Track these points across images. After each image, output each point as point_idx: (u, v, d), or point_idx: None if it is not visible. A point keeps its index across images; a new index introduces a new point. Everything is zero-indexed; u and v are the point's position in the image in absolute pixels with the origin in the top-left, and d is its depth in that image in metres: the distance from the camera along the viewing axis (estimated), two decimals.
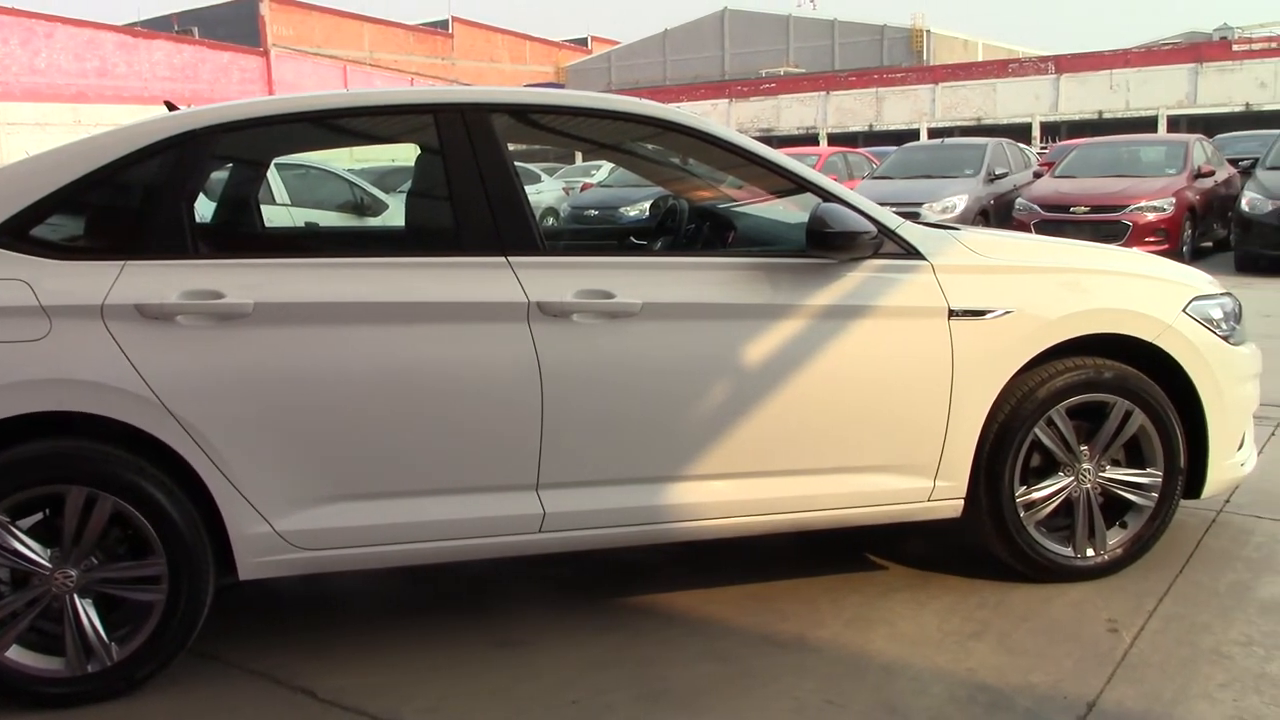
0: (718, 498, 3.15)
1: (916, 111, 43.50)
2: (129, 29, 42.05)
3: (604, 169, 19.17)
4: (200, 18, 50.47)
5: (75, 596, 2.79)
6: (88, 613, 2.80)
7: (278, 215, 9.33)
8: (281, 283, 2.89)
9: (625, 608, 3.41)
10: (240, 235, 3.94)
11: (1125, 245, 9.31)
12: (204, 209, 3.70)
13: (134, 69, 39.36)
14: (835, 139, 40.01)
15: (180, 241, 2.92)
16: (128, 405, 2.74)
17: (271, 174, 9.51)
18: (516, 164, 3.26)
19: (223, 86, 41.53)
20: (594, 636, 3.20)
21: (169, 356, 2.77)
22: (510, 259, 3.00)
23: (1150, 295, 3.47)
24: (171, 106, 3.26)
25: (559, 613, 3.38)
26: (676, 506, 3.13)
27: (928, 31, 53.31)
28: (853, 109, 45.16)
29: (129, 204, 2.99)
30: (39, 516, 2.80)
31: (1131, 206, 12.13)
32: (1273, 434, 5.12)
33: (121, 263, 2.82)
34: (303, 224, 9.46)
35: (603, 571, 3.73)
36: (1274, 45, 37.78)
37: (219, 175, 4.00)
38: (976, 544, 3.52)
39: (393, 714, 2.79)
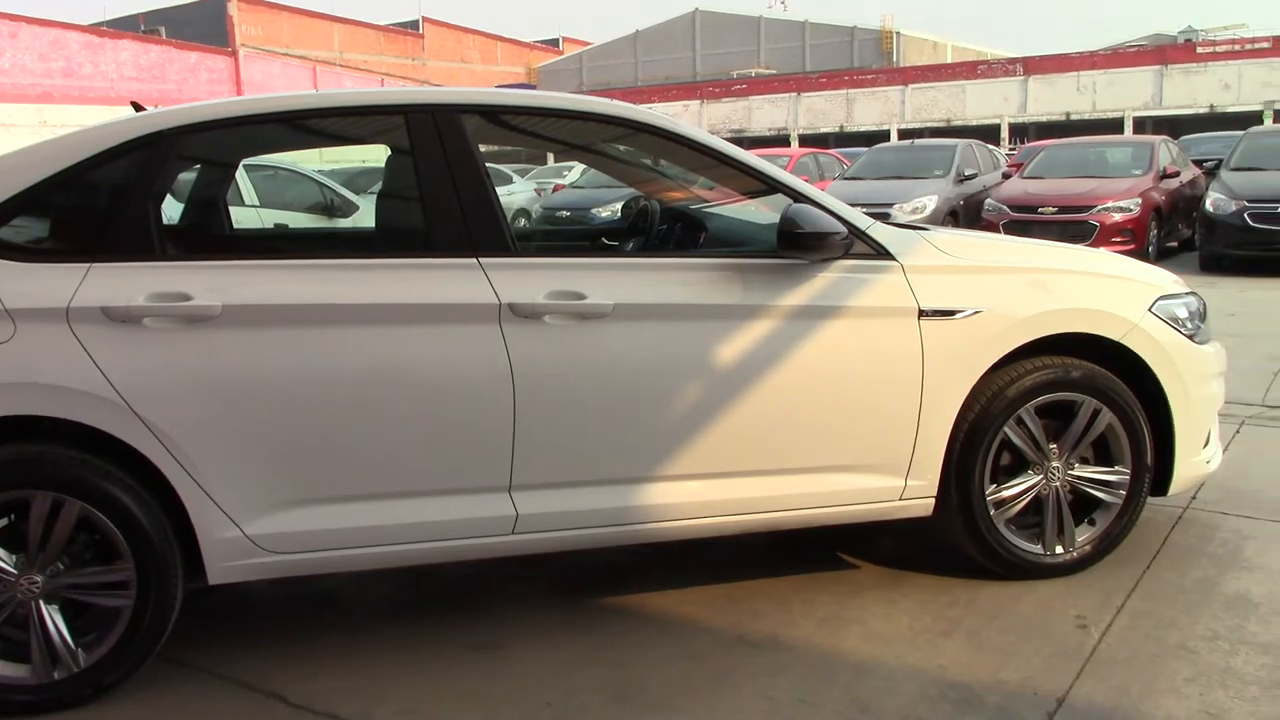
0: (690, 498, 3.16)
1: (887, 113, 43.80)
2: (95, 29, 41.64)
3: (576, 170, 19.15)
4: (167, 17, 50.02)
5: (41, 603, 2.75)
6: (54, 619, 2.77)
7: (246, 217, 9.26)
8: (250, 285, 2.87)
9: (599, 609, 3.41)
10: (208, 237, 3.91)
11: (1092, 245, 9.40)
12: (172, 210, 3.66)
13: (100, 69, 38.98)
14: (806, 140, 40.21)
15: (147, 243, 2.89)
16: (94, 409, 2.71)
17: (240, 175, 9.43)
18: (488, 165, 3.25)
19: (190, 87, 41.19)
20: (568, 638, 3.19)
21: (136, 359, 2.75)
22: (481, 260, 2.99)
23: (1117, 295, 3.51)
24: (138, 107, 3.23)
25: (533, 615, 3.37)
26: (649, 507, 3.13)
27: (897, 33, 53.65)
28: (824, 110, 45.41)
29: (95, 205, 2.96)
30: (3, 522, 2.76)
31: (1098, 207, 12.26)
32: (1237, 431, 5.19)
33: (87, 265, 2.79)
34: (272, 225, 9.39)
35: (576, 573, 3.72)
36: (1237, 48, 38.33)
37: (187, 176, 3.96)
38: (947, 542, 3.54)
39: (364, 717, 2.78)
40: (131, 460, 2.78)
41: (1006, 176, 15.15)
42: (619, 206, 13.11)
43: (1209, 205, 11.82)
